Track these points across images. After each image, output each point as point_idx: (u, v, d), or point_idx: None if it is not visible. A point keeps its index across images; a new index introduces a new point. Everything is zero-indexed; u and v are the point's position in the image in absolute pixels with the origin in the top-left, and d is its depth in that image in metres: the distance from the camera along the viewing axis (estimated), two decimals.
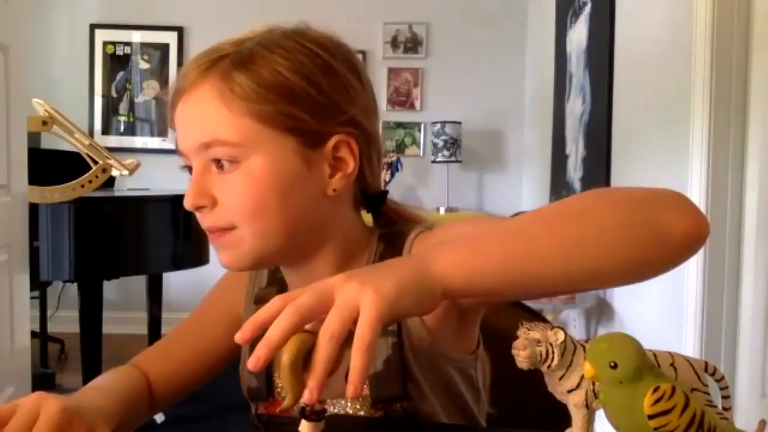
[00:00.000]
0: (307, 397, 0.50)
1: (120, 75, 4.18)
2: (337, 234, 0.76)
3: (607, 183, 2.65)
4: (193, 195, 0.70)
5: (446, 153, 3.99)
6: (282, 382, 0.51)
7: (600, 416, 0.55)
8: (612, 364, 0.49)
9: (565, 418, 0.59)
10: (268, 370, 0.78)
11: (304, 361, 0.51)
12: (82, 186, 2.27)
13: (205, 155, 0.70)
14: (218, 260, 0.74)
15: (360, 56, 4.10)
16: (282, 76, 0.69)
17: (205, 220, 0.72)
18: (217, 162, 0.69)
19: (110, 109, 4.18)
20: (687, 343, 1.94)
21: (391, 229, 0.80)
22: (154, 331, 3.51)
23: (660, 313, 2.19)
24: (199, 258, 2.92)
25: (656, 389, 0.49)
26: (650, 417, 0.49)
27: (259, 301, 0.80)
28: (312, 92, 0.70)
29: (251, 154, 0.69)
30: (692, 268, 1.92)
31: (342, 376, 0.52)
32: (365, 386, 0.70)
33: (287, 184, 0.70)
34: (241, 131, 0.69)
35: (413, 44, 4.25)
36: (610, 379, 0.50)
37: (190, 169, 0.73)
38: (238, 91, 0.68)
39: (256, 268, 0.78)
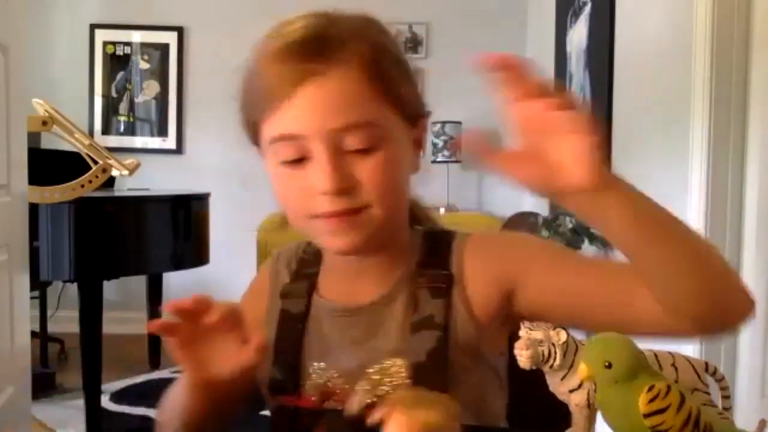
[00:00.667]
0: None
1: (120, 75, 4.18)
2: (405, 222, 0.80)
3: None
4: (338, 178, 0.68)
5: (446, 153, 3.99)
6: None
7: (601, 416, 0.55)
8: (606, 363, 0.49)
9: (566, 418, 0.59)
10: (294, 362, 0.77)
11: None
12: (82, 186, 2.27)
13: (343, 137, 0.69)
14: (331, 245, 0.73)
15: None
16: (396, 55, 0.74)
17: (337, 203, 0.69)
18: (355, 144, 0.69)
19: (110, 109, 4.18)
20: (687, 343, 1.94)
21: (432, 228, 0.83)
22: None
23: None
24: (199, 258, 2.92)
25: (651, 388, 0.49)
26: (645, 416, 0.49)
27: (286, 295, 0.81)
28: (411, 71, 0.76)
29: (388, 136, 0.71)
30: None
31: None
32: (405, 376, 0.72)
33: (405, 163, 0.74)
34: (379, 111, 0.70)
35: (413, 44, 4.25)
36: (605, 379, 0.50)
37: (292, 162, 0.71)
38: (373, 70, 0.70)
39: (367, 249, 0.75)
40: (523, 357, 0.56)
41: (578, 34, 3.08)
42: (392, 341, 0.65)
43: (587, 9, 2.95)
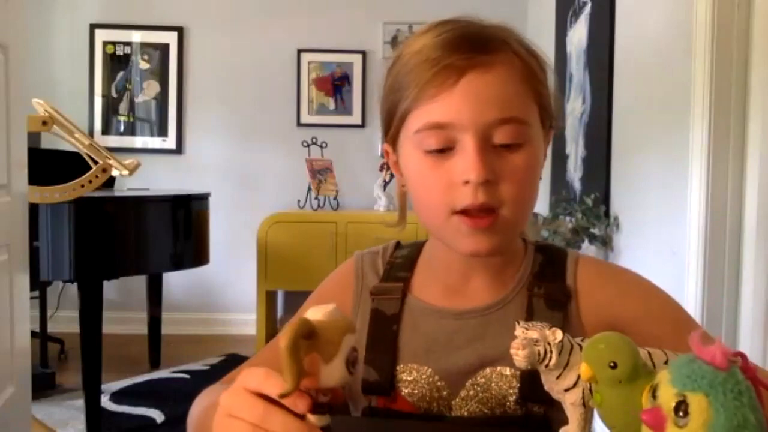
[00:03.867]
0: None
1: (120, 75, 4.18)
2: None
3: (607, 183, 2.65)
4: (485, 169, 0.68)
5: None
6: (281, 366, 0.50)
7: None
8: (612, 364, 0.49)
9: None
10: (389, 363, 0.77)
11: (305, 345, 0.51)
12: (82, 186, 2.27)
13: (494, 131, 0.69)
14: (467, 246, 0.72)
15: (360, 56, 4.13)
16: (544, 63, 0.75)
17: (479, 196, 0.69)
18: (504, 139, 0.70)
19: (110, 109, 4.18)
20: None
21: (546, 243, 0.84)
22: (154, 331, 3.52)
23: None
24: (199, 258, 2.93)
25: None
26: None
27: (378, 293, 0.81)
28: (550, 83, 0.76)
29: (533, 137, 0.72)
30: (692, 268, 1.92)
31: (341, 361, 0.51)
32: (514, 384, 0.72)
33: (540, 168, 0.75)
34: (530, 112, 0.72)
35: None
36: (608, 379, 0.50)
37: (436, 152, 0.71)
38: (529, 72, 0.72)
39: (500, 253, 0.76)
40: (519, 356, 0.56)
41: (578, 34, 3.08)
42: (503, 347, 0.62)
43: (587, 9, 2.95)
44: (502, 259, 0.79)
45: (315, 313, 0.53)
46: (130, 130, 4.19)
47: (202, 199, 3.00)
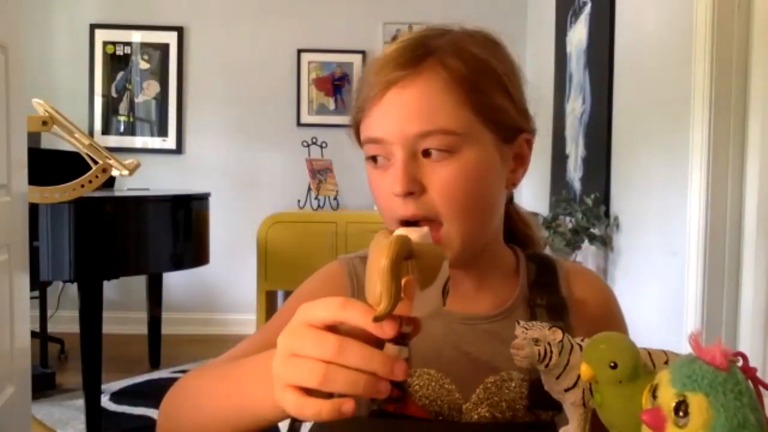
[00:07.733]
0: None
1: (120, 75, 4.18)
2: (498, 235, 0.81)
3: (607, 183, 2.65)
4: (407, 181, 0.70)
5: None
6: (379, 288, 0.46)
7: None
8: (612, 364, 0.49)
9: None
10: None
11: (404, 266, 0.47)
12: (82, 186, 2.27)
13: (420, 143, 0.70)
14: None
15: (360, 56, 4.13)
16: (493, 70, 0.74)
17: (408, 208, 0.71)
18: (427, 150, 0.71)
19: (110, 109, 4.18)
20: (687, 343, 1.94)
21: (535, 252, 0.85)
22: (154, 331, 3.52)
23: (660, 313, 2.19)
24: (199, 258, 2.93)
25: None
26: None
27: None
28: (512, 87, 0.75)
29: (465, 145, 0.71)
30: (692, 268, 1.92)
31: (439, 289, 0.48)
32: (524, 390, 0.73)
33: (489, 177, 0.74)
34: (461, 121, 0.71)
35: None
36: (609, 379, 0.50)
37: (374, 159, 0.74)
38: (460, 82, 0.71)
39: (455, 267, 0.71)
40: (519, 356, 0.56)
41: (578, 34, 3.08)
42: (510, 353, 0.62)
43: (587, 9, 2.95)
44: (480, 266, 0.79)
45: (408, 234, 0.49)
46: (130, 130, 4.18)
47: (202, 199, 3.00)
